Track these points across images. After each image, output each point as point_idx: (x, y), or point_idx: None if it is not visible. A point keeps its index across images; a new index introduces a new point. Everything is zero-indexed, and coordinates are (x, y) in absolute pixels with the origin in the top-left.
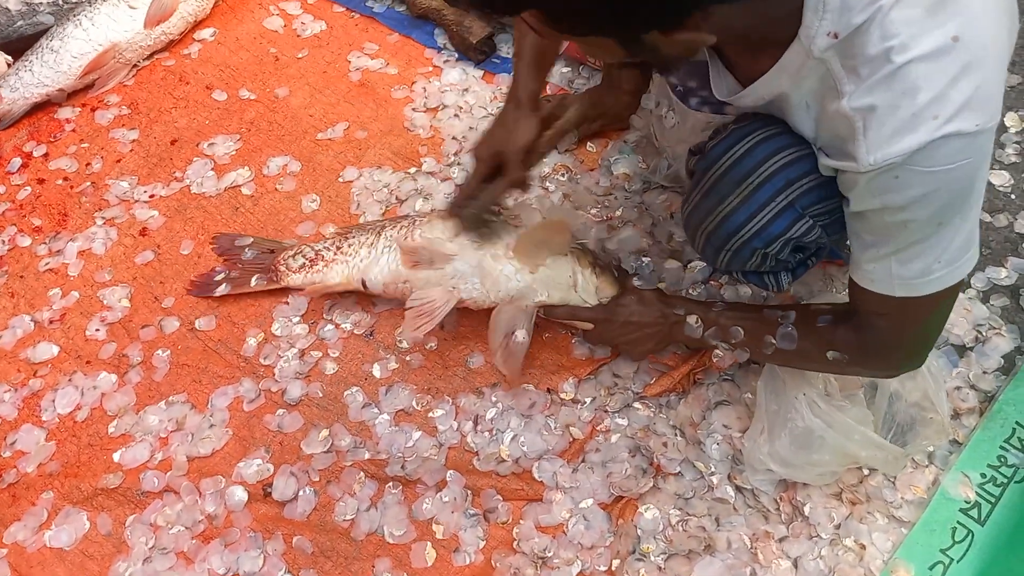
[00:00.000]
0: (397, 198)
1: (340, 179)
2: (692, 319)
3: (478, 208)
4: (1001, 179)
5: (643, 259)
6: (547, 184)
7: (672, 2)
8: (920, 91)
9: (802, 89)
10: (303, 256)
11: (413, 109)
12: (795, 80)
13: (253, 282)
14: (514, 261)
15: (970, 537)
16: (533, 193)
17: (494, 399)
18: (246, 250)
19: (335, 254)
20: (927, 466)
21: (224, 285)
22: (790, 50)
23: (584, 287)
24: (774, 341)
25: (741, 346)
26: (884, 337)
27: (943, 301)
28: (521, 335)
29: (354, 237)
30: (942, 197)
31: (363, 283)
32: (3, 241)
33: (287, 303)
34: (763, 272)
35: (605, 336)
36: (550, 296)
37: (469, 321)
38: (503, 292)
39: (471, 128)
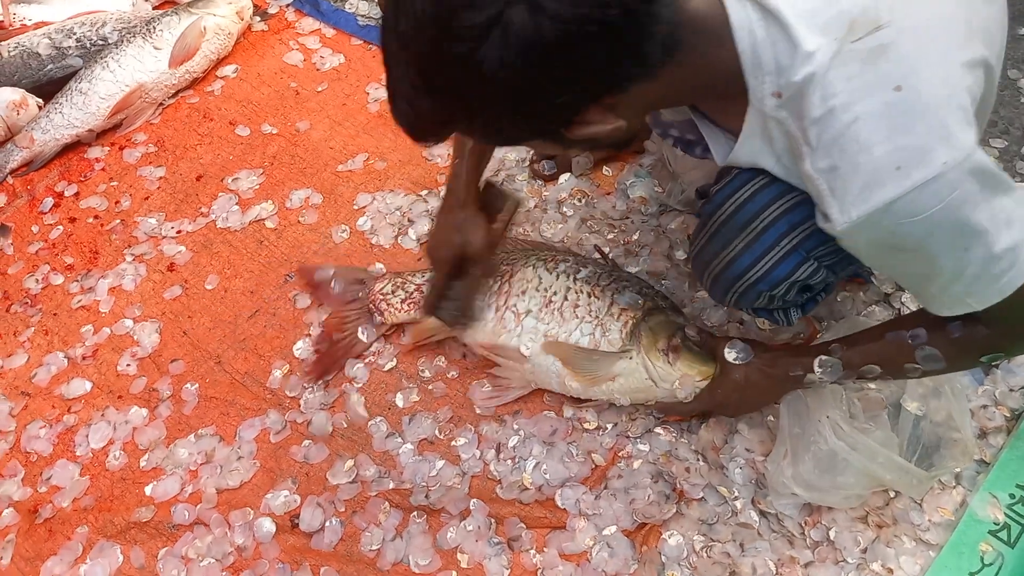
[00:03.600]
0: (409, 219)
1: (355, 206)
2: (820, 368)
3: (457, 307)
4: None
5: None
6: (564, 209)
7: (558, 106)
8: (874, 145)
9: (775, 148)
10: (403, 291)
11: None
12: (766, 139)
13: (363, 336)
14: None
15: (1000, 560)
16: (550, 217)
17: (516, 427)
18: (332, 284)
19: None
20: (954, 487)
21: (335, 357)
22: (749, 110)
23: (664, 380)
24: (918, 365)
25: (881, 378)
26: (1014, 322)
27: None
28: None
29: None
30: (950, 229)
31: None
32: (37, 280)
33: (309, 335)
34: (772, 308)
35: (722, 413)
36: (634, 399)
37: None
38: (583, 395)
39: None
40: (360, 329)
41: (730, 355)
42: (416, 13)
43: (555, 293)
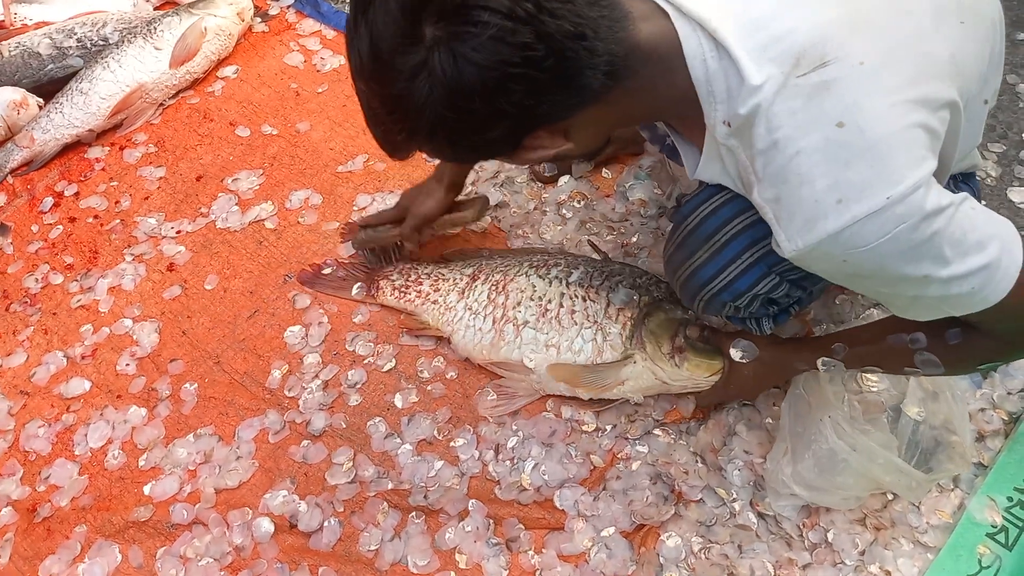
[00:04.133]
0: None
1: (355, 207)
2: (823, 366)
3: (368, 239)
4: (1020, 196)
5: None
6: (563, 211)
7: (509, 133)
8: (816, 179)
9: (730, 172)
10: (403, 276)
11: None
12: (721, 163)
13: (354, 291)
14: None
15: (998, 563)
16: (549, 219)
17: (514, 428)
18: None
19: (431, 288)
20: (952, 490)
21: (325, 282)
22: (707, 135)
23: (673, 378)
24: (918, 368)
25: (881, 373)
26: (1006, 332)
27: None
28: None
29: (450, 274)
30: (901, 258)
31: (450, 340)
32: (36, 279)
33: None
34: (742, 317)
35: (738, 399)
36: (647, 395)
37: None
38: (595, 397)
39: None
40: (356, 285)
41: (735, 354)
42: (360, 54)
43: (550, 301)
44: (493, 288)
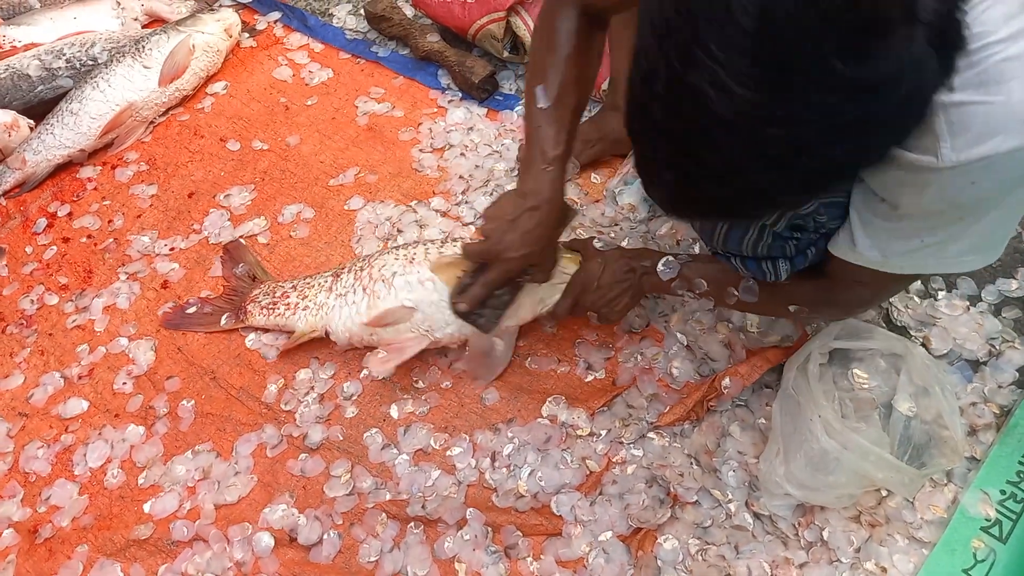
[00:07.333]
0: (398, 230)
1: (346, 207)
2: (662, 265)
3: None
4: None
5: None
6: None
7: None
8: (1014, 91)
9: None
10: (268, 295)
11: (420, 150)
12: None
13: (223, 321)
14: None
15: (992, 556)
16: None
17: (510, 435)
18: (240, 264)
19: (298, 298)
20: (946, 484)
21: (191, 321)
22: None
23: (555, 276)
24: (736, 292)
25: (705, 295)
26: (856, 298)
27: None
28: (500, 346)
29: (315, 280)
30: (1001, 197)
31: (327, 333)
32: (32, 300)
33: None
34: (761, 259)
35: (585, 306)
36: (523, 308)
37: None
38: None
39: (477, 166)
40: (224, 316)
41: (597, 243)
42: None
43: (414, 252)
44: (358, 271)
